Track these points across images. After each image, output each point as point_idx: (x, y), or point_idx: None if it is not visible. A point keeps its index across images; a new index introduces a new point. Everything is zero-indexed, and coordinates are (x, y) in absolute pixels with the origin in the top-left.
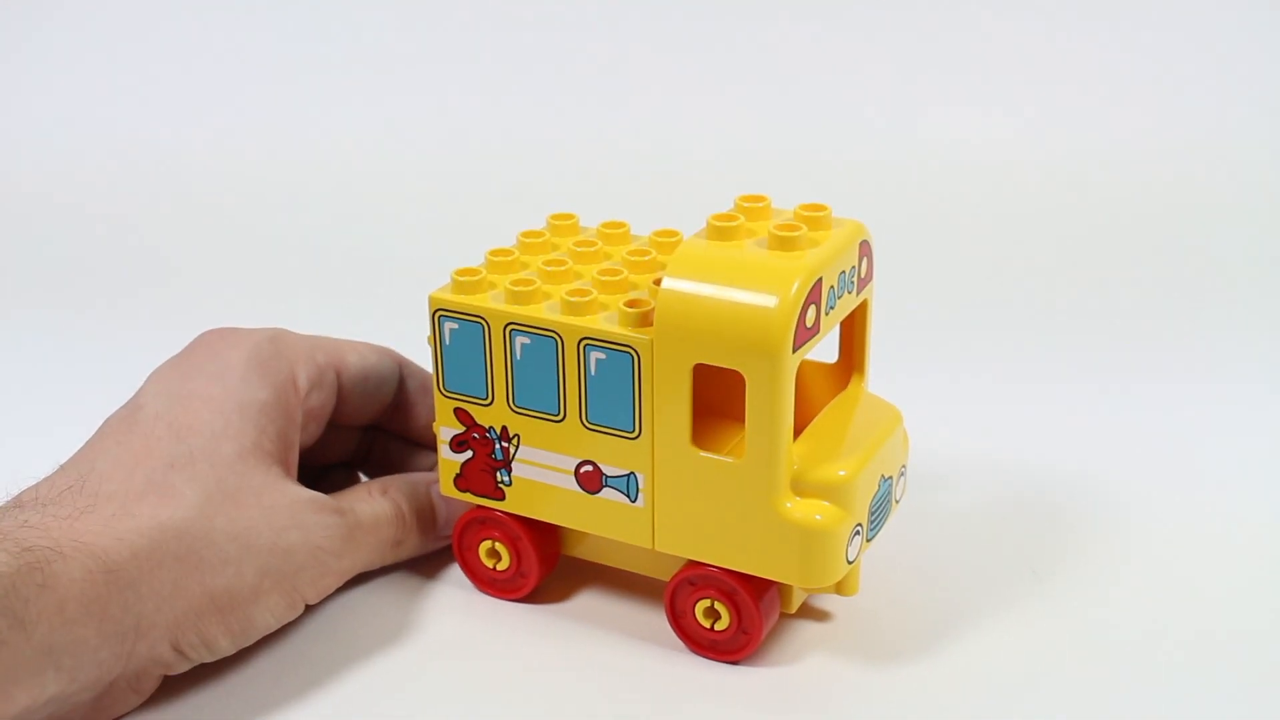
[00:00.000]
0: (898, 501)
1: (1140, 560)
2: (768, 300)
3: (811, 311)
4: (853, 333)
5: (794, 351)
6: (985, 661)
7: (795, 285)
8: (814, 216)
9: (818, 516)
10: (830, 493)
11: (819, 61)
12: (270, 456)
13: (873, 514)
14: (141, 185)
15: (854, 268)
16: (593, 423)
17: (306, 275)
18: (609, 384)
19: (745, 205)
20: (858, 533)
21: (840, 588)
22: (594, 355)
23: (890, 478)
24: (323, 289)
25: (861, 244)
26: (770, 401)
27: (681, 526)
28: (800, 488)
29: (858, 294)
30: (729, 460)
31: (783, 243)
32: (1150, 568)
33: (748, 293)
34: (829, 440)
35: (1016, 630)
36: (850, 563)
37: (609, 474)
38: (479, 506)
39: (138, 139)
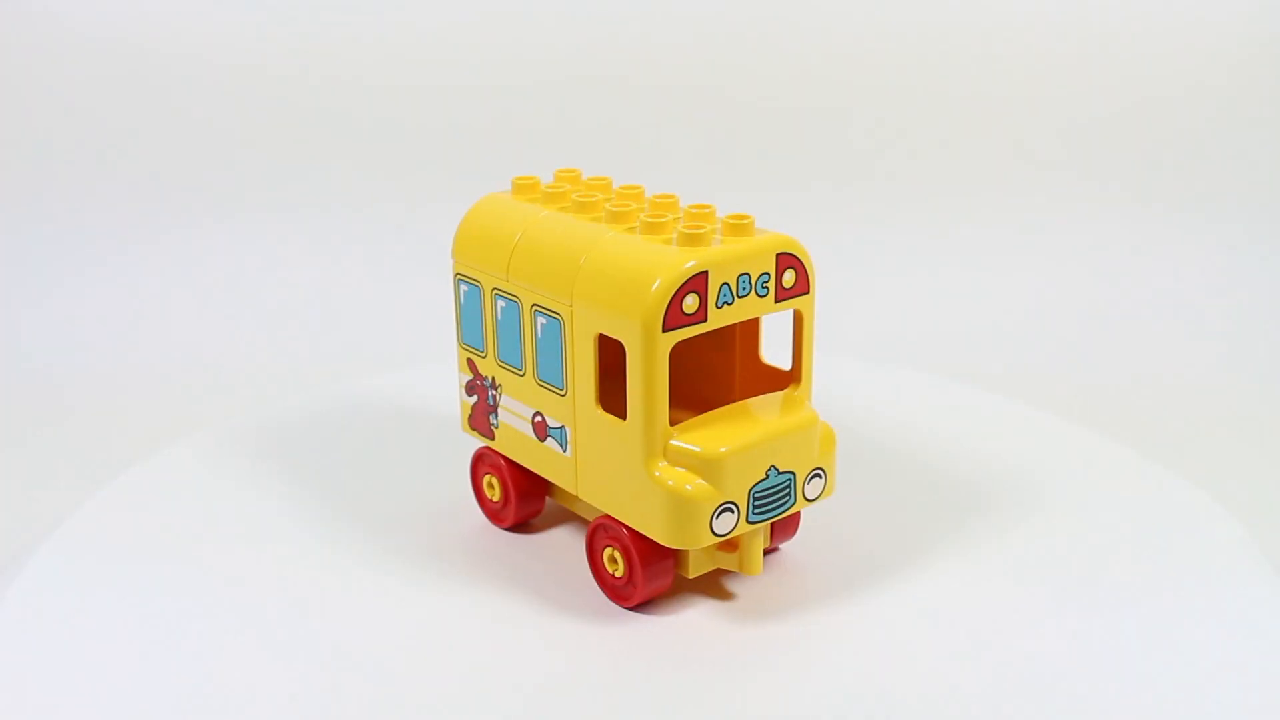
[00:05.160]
0: (810, 499)
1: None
2: (651, 283)
3: (691, 300)
4: (795, 343)
5: (665, 332)
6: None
7: (673, 274)
8: (737, 224)
9: (684, 485)
10: (699, 466)
11: None
12: None
13: (756, 499)
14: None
15: (766, 274)
16: (540, 379)
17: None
18: (549, 346)
19: (694, 212)
20: (729, 510)
21: (741, 565)
22: (540, 319)
23: (790, 472)
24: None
25: (782, 255)
26: (643, 372)
27: (593, 478)
28: (674, 457)
29: (774, 301)
30: (619, 421)
31: (688, 239)
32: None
33: (639, 275)
34: (724, 424)
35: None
36: (720, 535)
37: (551, 425)
38: (485, 445)
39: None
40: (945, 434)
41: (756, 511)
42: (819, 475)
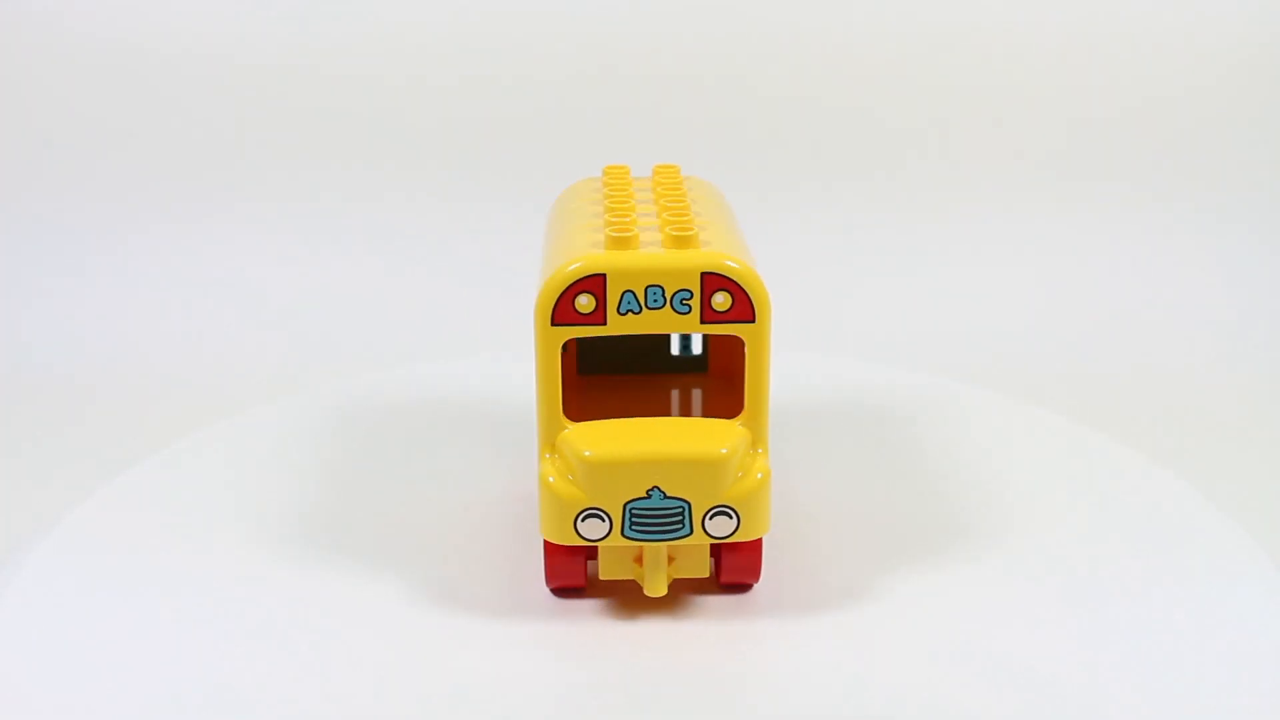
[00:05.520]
0: (715, 537)
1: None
2: (548, 276)
3: (585, 300)
4: (745, 374)
5: (553, 325)
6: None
7: (564, 271)
8: (679, 235)
9: (555, 479)
10: (573, 465)
11: None
12: None
13: (634, 516)
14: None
15: (686, 291)
16: None
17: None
18: None
19: (669, 217)
20: (597, 517)
21: (644, 583)
22: None
23: (682, 500)
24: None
25: (709, 276)
26: (537, 361)
27: None
28: (563, 449)
29: (701, 321)
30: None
31: (613, 241)
32: None
33: (550, 268)
34: (627, 432)
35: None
36: (589, 540)
37: None
38: None
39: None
40: (944, 433)
41: (634, 528)
42: (726, 514)
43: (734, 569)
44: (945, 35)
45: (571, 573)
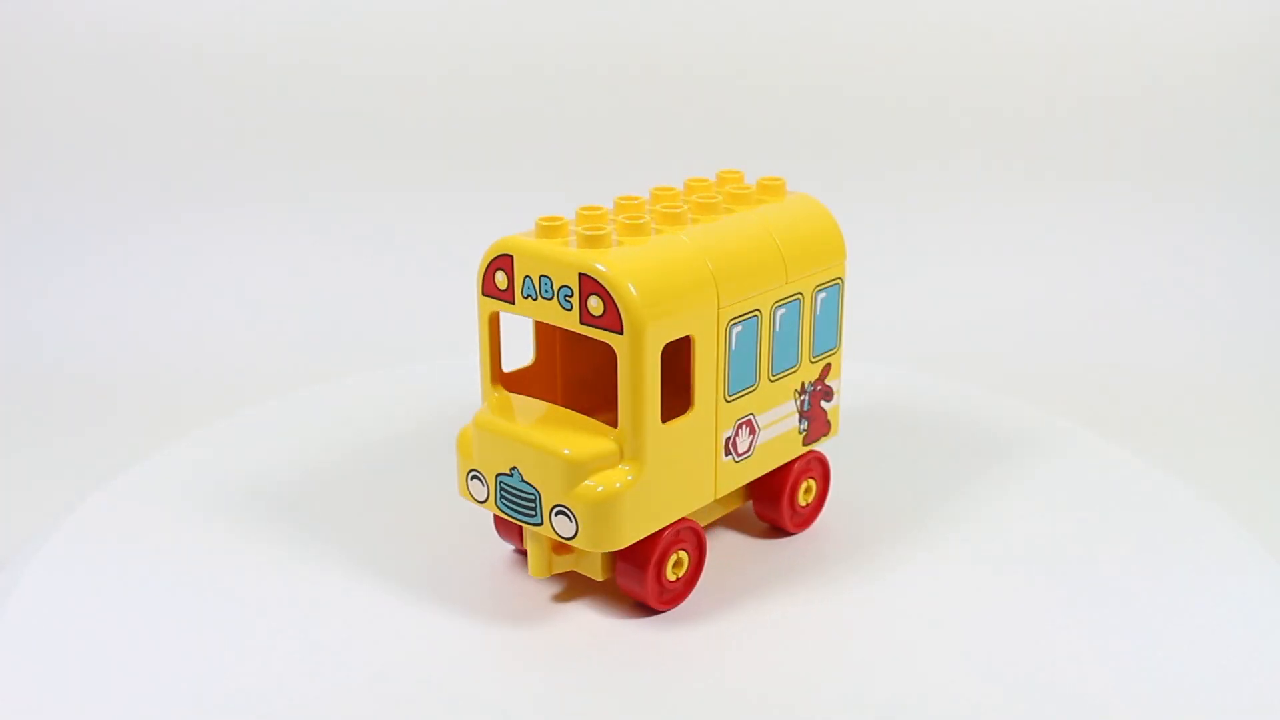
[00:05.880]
0: (560, 536)
1: None
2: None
3: (500, 277)
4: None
5: (483, 296)
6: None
7: (489, 248)
8: (592, 235)
9: (462, 435)
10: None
11: None
12: None
13: (502, 489)
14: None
15: (567, 288)
16: None
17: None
18: None
19: (627, 220)
20: (477, 479)
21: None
22: None
23: (534, 487)
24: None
25: (585, 277)
26: (478, 328)
27: None
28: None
29: (580, 321)
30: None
31: (540, 229)
32: None
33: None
34: (528, 411)
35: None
36: (475, 499)
37: None
38: None
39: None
40: (943, 432)
41: (503, 500)
42: (565, 515)
43: (626, 579)
44: (945, 37)
45: (509, 532)
